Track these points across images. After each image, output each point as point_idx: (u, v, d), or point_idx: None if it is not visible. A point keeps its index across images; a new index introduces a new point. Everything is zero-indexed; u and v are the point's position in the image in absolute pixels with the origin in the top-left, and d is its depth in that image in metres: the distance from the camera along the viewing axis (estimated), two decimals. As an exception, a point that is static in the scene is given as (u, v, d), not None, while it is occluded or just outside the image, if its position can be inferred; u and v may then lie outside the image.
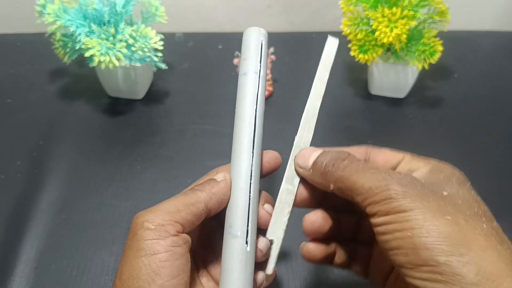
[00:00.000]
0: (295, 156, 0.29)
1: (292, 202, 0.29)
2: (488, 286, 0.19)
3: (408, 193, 0.21)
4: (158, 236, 0.24)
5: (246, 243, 0.26)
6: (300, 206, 0.29)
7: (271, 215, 0.29)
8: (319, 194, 0.29)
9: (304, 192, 0.29)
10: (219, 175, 0.28)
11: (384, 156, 0.27)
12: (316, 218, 0.29)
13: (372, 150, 0.28)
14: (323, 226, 0.29)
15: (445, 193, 0.22)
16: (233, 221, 0.27)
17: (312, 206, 0.30)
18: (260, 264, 0.29)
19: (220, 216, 0.28)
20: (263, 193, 0.30)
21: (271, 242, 0.28)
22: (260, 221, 0.29)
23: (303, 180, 0.29)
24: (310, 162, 0.28)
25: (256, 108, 0.29)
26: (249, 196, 0.27)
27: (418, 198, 0.21)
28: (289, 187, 0.29)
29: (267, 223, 0.29)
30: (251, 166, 0.28)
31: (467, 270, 0.19)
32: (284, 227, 0.28)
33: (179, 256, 0.24)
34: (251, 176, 0.28)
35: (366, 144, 0.29)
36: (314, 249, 0.30)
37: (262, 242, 0.28)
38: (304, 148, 0.29)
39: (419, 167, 0.25)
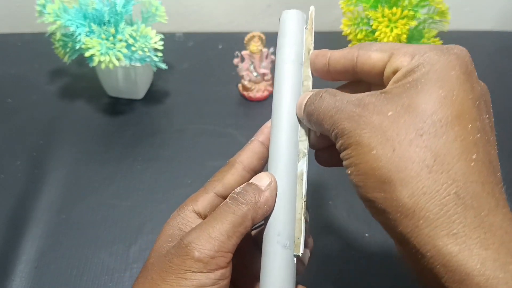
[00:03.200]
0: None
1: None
2: (407, 224, 0.20)
3: (345, 130, 0.22)
4: (208, 269, 0.23)
5: (297, 255, 0.25)
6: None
7: (307, 221, 0.28)
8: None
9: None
10: (264, 180, 0.26)
11: (370, 61, 0.25)
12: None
13: (359, 58, 0.25)
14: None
15: (389, 114, 0.21)
16: (281, 229, 0.25)
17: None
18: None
19: None
20: None
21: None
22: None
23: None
24: (301, 111, 0.26)
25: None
26: (302, 202, 0.25)
27: (356, 129, 0.22)
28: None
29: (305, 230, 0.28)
30: (303, 169, 0.26)
31: (389, 206, 0.20)
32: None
33: None
34: (303, 180, 0.26)
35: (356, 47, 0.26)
36: (321, 154, 0.30)
37: (305, 254, 0.27)
38: (302, 95, 0.27)
39: (400, 66, 0.23)
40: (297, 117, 0.27)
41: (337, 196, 0.47)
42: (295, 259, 0.25)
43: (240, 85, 0.58)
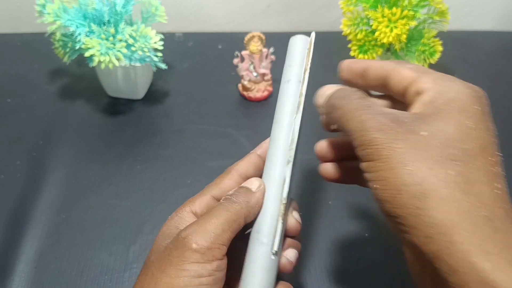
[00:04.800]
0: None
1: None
2: (440, 240, 0.20)
3: (377, 140, 0.22)
4: (205, 260, 0.24)
5: (273, 252, 0.26)
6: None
7: (299, 223, 0.30)
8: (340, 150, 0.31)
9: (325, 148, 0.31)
10: (254, 184, 0.28)
11: (399, 76, 0.26)
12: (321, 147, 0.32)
13: (393, 70, 0.26)
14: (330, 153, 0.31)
15: (423, 133, 0.22)
16: (261, 227, 0.27)
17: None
18: (286, 275, 0.29)
19: None
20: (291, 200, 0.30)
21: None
22: (290, 229, 0.29)
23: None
24: (323, 99, 0.28)
25: (295, 117, 0.29)
26: (281, 204, 0.27)
27: (389, 143, 0.22)
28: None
29: (296, 231, 0.29)
30: (286, 175, 0.28)
31: (421, 223, 0.21)
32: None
33: (219, 280, 0.25)
34: (285, 185, 0.28)
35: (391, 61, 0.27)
36: (328, 168, 0.31)
37: (291, 252, 0.29)
38: (326, 85, 0.29)
39: (425, 89, 0.24)
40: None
41: (337, 196, 0.47)
42: (272, 254, 0.26)
43: (240, 85, 0.58)
